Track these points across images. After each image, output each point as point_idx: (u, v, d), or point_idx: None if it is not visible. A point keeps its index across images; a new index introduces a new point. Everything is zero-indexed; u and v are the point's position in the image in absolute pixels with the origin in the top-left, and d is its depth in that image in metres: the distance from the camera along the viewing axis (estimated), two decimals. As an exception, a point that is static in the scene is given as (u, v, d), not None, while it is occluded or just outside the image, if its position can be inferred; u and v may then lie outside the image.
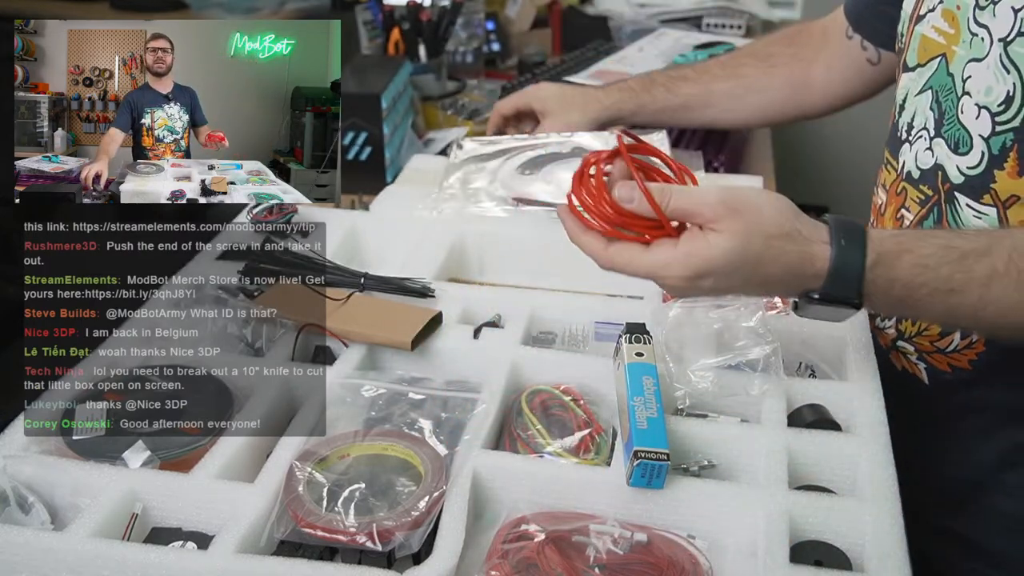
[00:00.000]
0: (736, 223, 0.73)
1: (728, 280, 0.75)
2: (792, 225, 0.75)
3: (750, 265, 0.74)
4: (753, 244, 0.73)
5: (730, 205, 0.74)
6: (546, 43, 2.07)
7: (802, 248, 0.75)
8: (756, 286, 0.77)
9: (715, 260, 0.74)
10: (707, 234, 0.74)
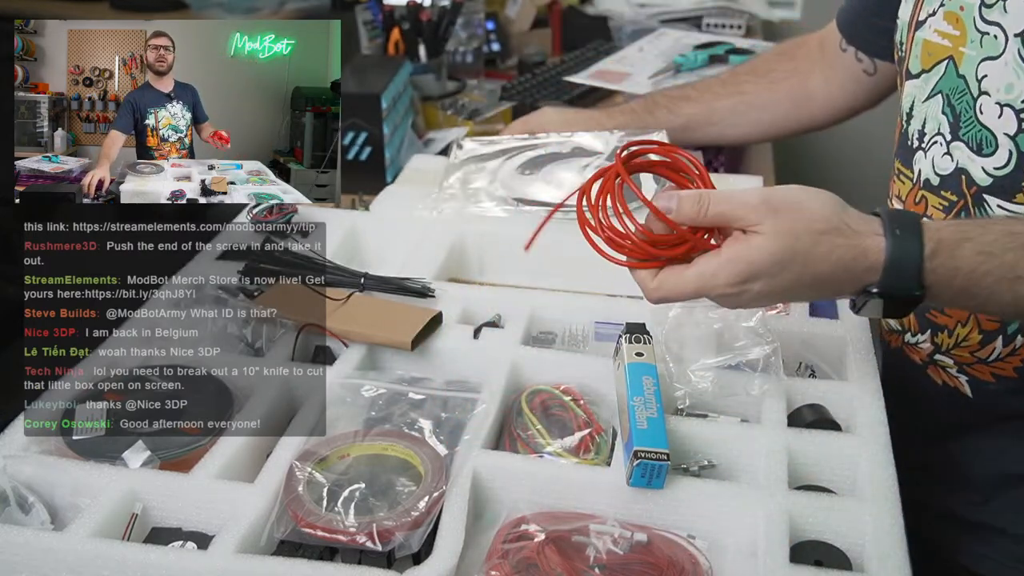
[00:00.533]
0: (779, 222, 0.71)
1: (778, 282, 0.72)
2: (840, 219, 0.72)
3: (799, 264, 0.71)
4: (800, 241, 0.71)
5: (771, 204, 0.71)
6: (546, 43, 2.07)
7: (853, 242, 0.71)
8: (808, 287, 0.73)
9: (761, 262, 0.71)
10: (750, 237, 0.71)
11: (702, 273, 0.73)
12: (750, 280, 0.72)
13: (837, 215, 0.72)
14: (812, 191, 0.74)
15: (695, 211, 0.73)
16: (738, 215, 0.72)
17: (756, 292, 0.72)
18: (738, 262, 0.71)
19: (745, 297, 0.73)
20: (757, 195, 0.72)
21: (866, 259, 0.71)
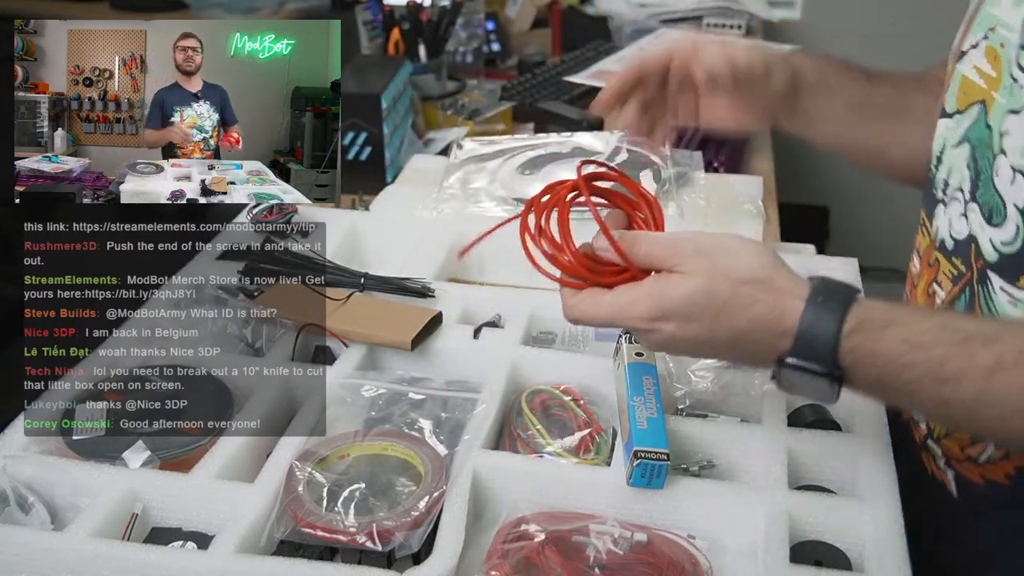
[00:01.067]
0: (702, 263, 0.67)
1: (692, 328, 0.67)
2: (767, 273, 0.67)
3: (713, 310, 0.66)
4: (718, 287, 0.66)
5: (699, 247, 0.68)
6: (546, 43, 2.07)
7: (773, 300, 0.65)
8: (724, 341, 0.67)
9: (675, 300, 0.66)
10: (670, 276, 0.68)
11: (618, 302, 0.69)
12: (662, 319, 0.67)
13: (765, 269, 0.67)
14: (749, 242, 0.69)
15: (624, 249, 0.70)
16: (665, 256, 0.68)
17: (668, 333, 0.68)
18: (653, 297, 0.67)
19: (657, 337, 0.69)
20: (688, 238, 0.69)
21: (782, 322, 0.65)
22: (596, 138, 1.32)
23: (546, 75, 1.81)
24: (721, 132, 1.05)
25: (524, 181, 1.23)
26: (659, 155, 1.27)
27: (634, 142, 1.31)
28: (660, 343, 0.69)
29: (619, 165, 1.25)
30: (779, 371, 0.67)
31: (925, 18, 2.41)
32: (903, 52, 2.46)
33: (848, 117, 0.94)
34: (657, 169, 1.24)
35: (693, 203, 1.21)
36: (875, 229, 2.55)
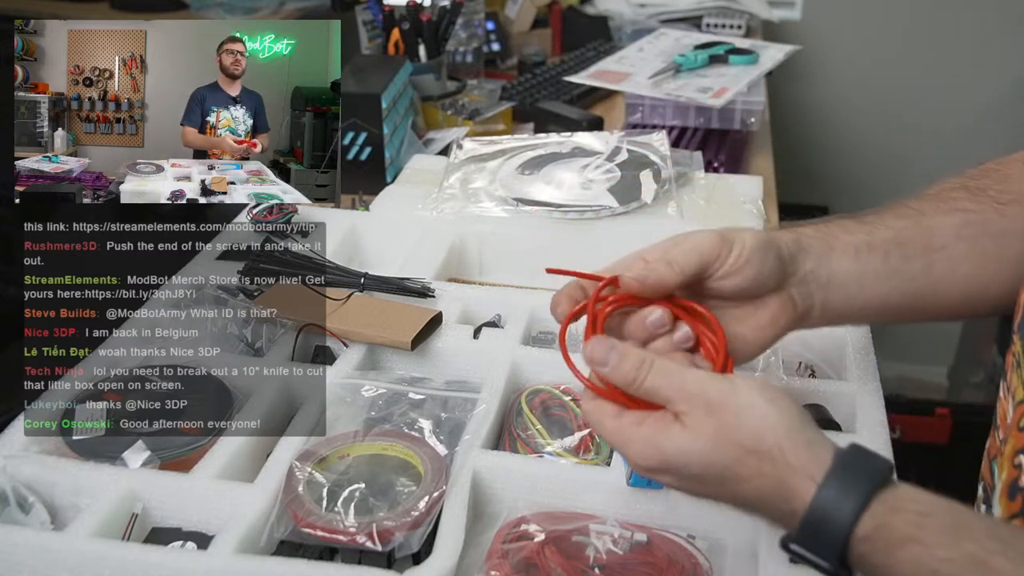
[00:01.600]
0: (706, 423, 0.59)
1: (691, 484, 0.61)
2: (777, 443, 0.58)
3: (715, 476, 0.59)
4: (720, 453, 0.58)
5: (708, 399, 0.60)
6: (546, 43, 2.07)
7: (782, 475, 0.57)
8: (731, 503, 0.61)
9: (672, 457, 0.60)
10: (670, 425, 0.60)
11: (621, 431, 0.62)
12: (659, 470, 0.61)
13: (776, 437, 0.58)
14: (769, 396, 0.60)
15: (631, 375, 0.62)
16: (670, 396, 0.61)
17: (669, 484, 0.62)
18: (651, 445, 0.60)
19: (659, 480, 0.62)
20: (699, 383, 0.61)
21: (789, 501, 0.57)
22: (596, 138, 1.32)
23: (546, 75, 1.81)
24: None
25: (524, 181, 1.23)
26: (659, 155, 1.27)
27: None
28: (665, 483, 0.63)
29: (619, 165, 1.25)
30: (785, 549, 0.59)
31: (925, 18, 2.42)
32: (903, 52, 2.47)
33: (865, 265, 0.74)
34: (657, 169, 1.24)
35: (693, 203, 1.21)
36: (875, 229, 2.55)
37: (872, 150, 2.56)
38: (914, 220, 0.76)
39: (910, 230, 0.75)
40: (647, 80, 1.58)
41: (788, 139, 2.29)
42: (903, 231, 0.75)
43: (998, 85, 2.42)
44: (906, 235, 0.75)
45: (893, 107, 2.52)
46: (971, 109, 2.46)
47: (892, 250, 0.73)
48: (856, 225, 0.75)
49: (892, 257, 0.73)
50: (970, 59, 2.42)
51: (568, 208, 1.17)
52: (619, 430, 0.63)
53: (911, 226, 0.76)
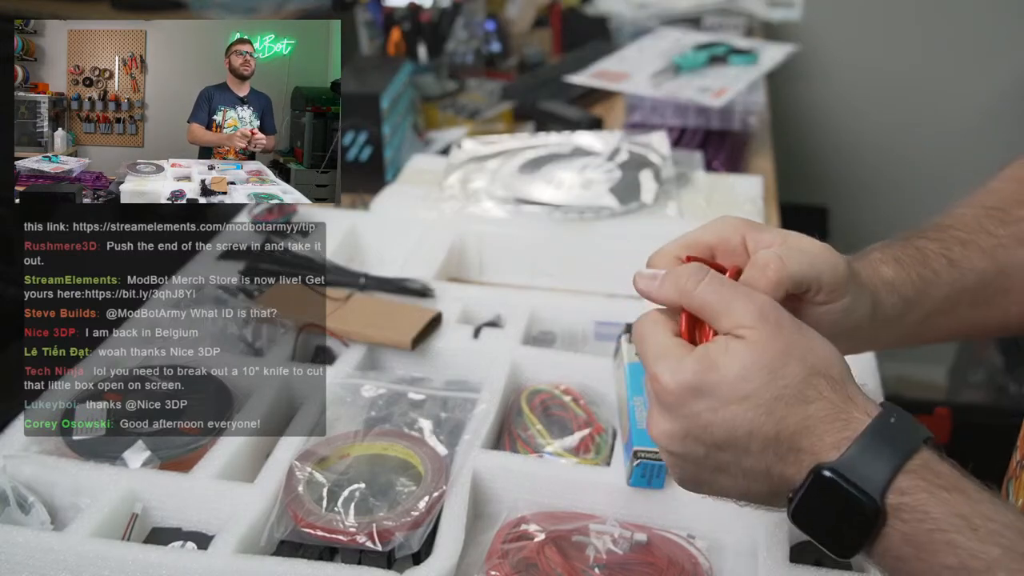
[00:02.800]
0: (777, 335, 0.54)
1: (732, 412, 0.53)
2: (840, 373, 0.55)
3: (771, 396, 0.53)
4: (788, 367, 0.53)
5: (778, 315, 0.55)
6: (546, 43, 2.07)
7: (840, 404, 0.53)
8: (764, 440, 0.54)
9: (727, 374, 0.53)
10: (730, 341, 0.54)
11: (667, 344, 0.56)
12: (698, 394, 0.54)
13: (840, 367, 0.56)
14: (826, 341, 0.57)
15: (682, 282, 0.57)
16: (731, 306, 0.55)
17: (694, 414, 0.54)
18: (703, 361, 0.54)
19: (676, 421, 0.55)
20: (767, 299, 0.55)
21: (841, 430, 0.53)
22: (596, 138, 1.32)
23: (546, 75, 1.81)
24: None
25: (524, 181, 1.23)
26: (659, 155, 1.27)
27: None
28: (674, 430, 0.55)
29: (619, 165, 1.25)
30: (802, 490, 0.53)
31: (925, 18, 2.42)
32: (903, 52, 2.47)
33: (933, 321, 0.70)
34: (657, 169, 1.24)
35: (693, 203, 1.21)
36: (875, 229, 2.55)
37: (872, 150, 2.56)
38: (992, 257, 0.71)
39: (990, 273, 0.71)
40: (647, 80, 1.58)
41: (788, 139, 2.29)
42: (984, 275, 0.70)
43: (999, 85, 2.42)
44: (986, 279, 0.70)
45: (893, 107, 2.52)
46: (971, 109, 2.46)
47: (966, 299, 0.69)
48: (947, 271, 0.69)
49: (963, 306, 0.69)
50: (970, 59, 2.42)
51: (568, 208, 1.17)
52: (669, 345, 0.56)
53: (991, 269, 0.71)
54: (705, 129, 1.55)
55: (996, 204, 0.73)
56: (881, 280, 0.65)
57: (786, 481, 0.54)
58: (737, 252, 0.62)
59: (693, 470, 0.57)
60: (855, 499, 0.51)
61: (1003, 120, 2.42)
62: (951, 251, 0.70)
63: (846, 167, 2.59)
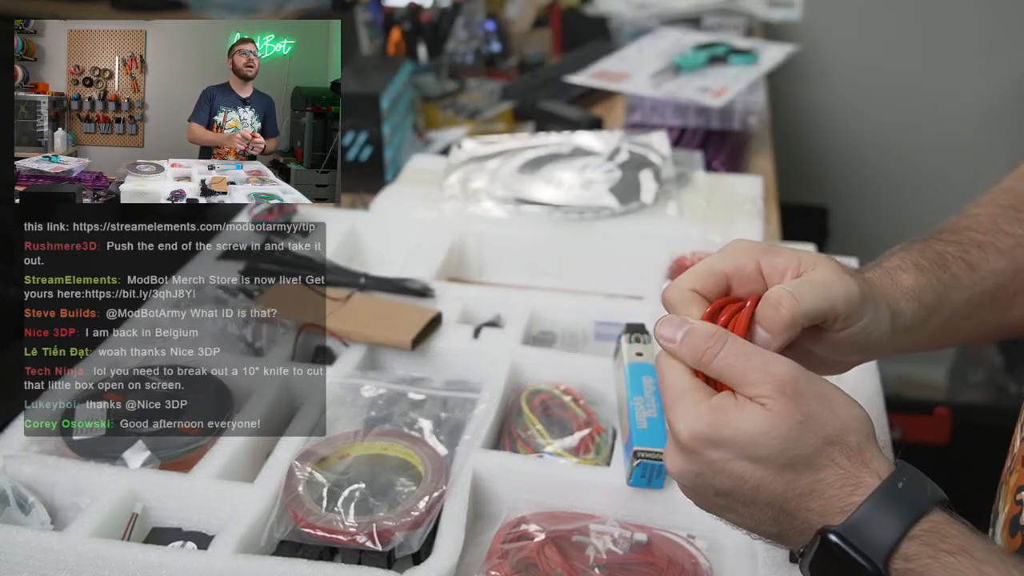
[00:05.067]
0: (795, 409, 0.54)
1: (743, 468, 0.55)
2: (858, 440, 0.55)
3: (782, 463, 0.54)
4: (803, 440, 0.54)
5: (798, 387, 0.55)
6: (546, 43, 2.07)
7: (853, 469, 0.54)
8: (771, 495, 0.55)
9: (742, 434, 0.54)
10: (747, 404, 0.55)
11: (686, 389, 0.57)
12: (713, 444, 0.55)
13: (858, 434, 0.55)
14: (851, 399, 0.57)
15: (701, 349, 0.57)
16: (749, 378, 0.55)
17: (708, 461, 0.56)
18: (719, 414, 0.55)
19: (691, 463, 0.57)
20: (786, 368, 0.55)
21: (850, 495, 0.54)
22: (596, 138, 1.32)
23: (546, 75, 1.81)
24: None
25: (524, 181, 1.23)
26: (659, 155, 1.27)
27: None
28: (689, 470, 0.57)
29: (619, 165, 1.25)
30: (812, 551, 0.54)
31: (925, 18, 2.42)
32: (903, 52, 2.47)
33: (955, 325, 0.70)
34: (657, 169, 1.24)
35: (693, 203, 1.21)
36: (875, 229, 2.55)
37: (872, 150, 2.56)
38: (1010, 257, 0.71)
39: (1008, 274, 0.70)
40: (647, 80, 1.58)
41: (788, 139, 2.29)
42: (1002, 276, 0.70)
43: (999, 85, 2.42)
44: (1004, 280, 0.70)
45: (893, 107, 2.52)
46: (971, 109, 2.46)
47: (986, 301, 0.69)
48: (967, 274, 0.68)
49: (982, 309, 0.69)
50: (970, 59, 2.42)
51: (568, 208, 1.17)
52: (687, 388, 0.57)
53: (1009, 268, 0.71)
54: (705, 129, 1.55)
55: (1011, 202, 0.73)
56: (901, 290, 0.65)
57: (795, 533, 0.56)
58: (753, 278, 0.62)
59: (704, 503, 0.59)
60: (858, 565, 0.52)
61: (1003, 120, 2.42)
62: (969, 254, 0.69)
63: (846, 167, 2.59)
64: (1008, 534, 0.66)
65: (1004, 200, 0.73)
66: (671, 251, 1.08)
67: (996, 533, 0.68)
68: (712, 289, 0.62)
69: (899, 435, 1.88)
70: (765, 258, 0.62)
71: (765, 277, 0.62)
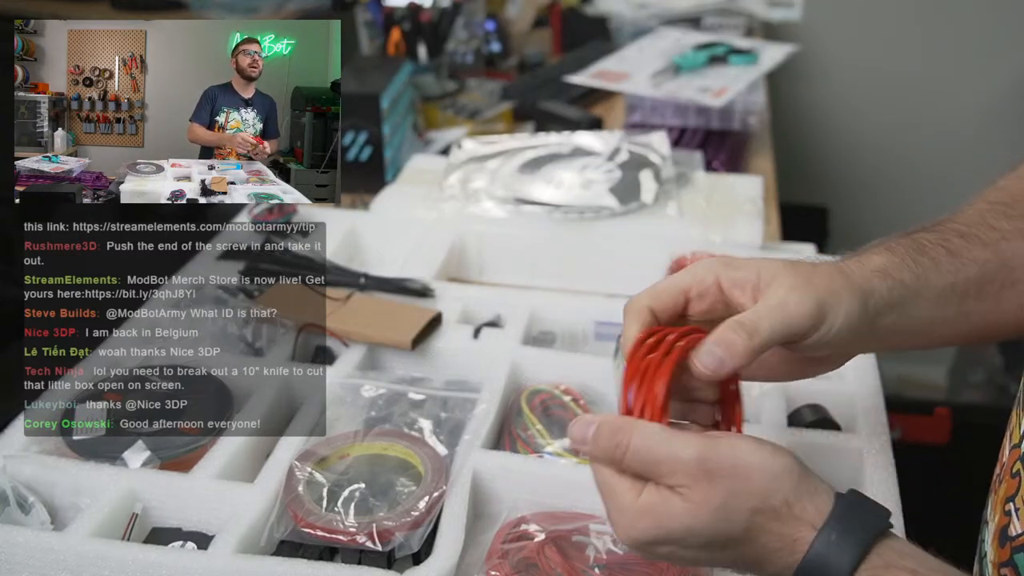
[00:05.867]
0: (712, 493, 0.55)
1: (692, 554, 0.58)
2: (783, 498, 0.56)
3: (720, 543, 0.57)
4: (730, 520, 0.56)
5: (707, 467, 0.55)
6: (546, 43, 2.07)
7: (787, 530, 0.56)
8: (730, 564, 0.59)
9: (674, 530, 0.56)
10: (669, 497, 0.56)
11: (615, 494, 0.58)
12: (655, 543, 0.57)
13: (783, 492, 0.56)
14: (768, 452, 0.58)
15: (611, 450, 0.57)
16: (662, 468, 0.56)
17: (661, 554, 0.58)
18: (648, 516, 0.56)
19: (647, 555, 0.60)
20: (694, 449, 0.56)
21: (790, 554, 0.55)
22: (596, 138, 1.32)
23: (546, 75, 1.81)
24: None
25: (524, 181, 1.23)
26: (659, 155, 1.27)
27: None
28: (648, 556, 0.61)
29: (619, 165, 1.25)
30: None
31: (925, 18, 2.42)
32: (903, 52, 2.47)
33: (945, 313, 0.69)
34: (657, 169, 1.24)
35: (693, 203, 1.21)
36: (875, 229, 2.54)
37: (872, 150, 2.56)
38: (995, 250, 0.70)
39: (992, 265, 0.69)
40: (647, 80, 1.58)
41: (788, 139, 2.29)
42: (986, 266, 0.69)
43: (999, 85, 2.42)
44: (988, 271, 0.69)
45: (893, 107, 2.52)
46: (971, 109, 2.46)
47: (971, 291, 0.68)
48: (947, 259, 0.68)
49: (969, 299, 0.68)
50: (970, 59, 2.42)
51: (568, 208, 1.17)
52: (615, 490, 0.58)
53: (993, 260, 0.70)
54: (705, 129, 1.55)
55: (1001, 199, 0.73)
56: (869, 269, 0.65)
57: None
58: (711, 292, 0.63)
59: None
60: None
61: (1003, 120, 2.42)
62: (949, 242, 0.69)
63: (846, 167, 2.59)
64: (997, 544, 0.66)
65: (995, 197, 0.73)
66: (671, 251, 1.08)
67: (986, 541, 0.68)
68: (668, 306, 0.62)
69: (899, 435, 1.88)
70: (725, 272, 0.63)
71: (725, 292, 0.63)
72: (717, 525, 0.56)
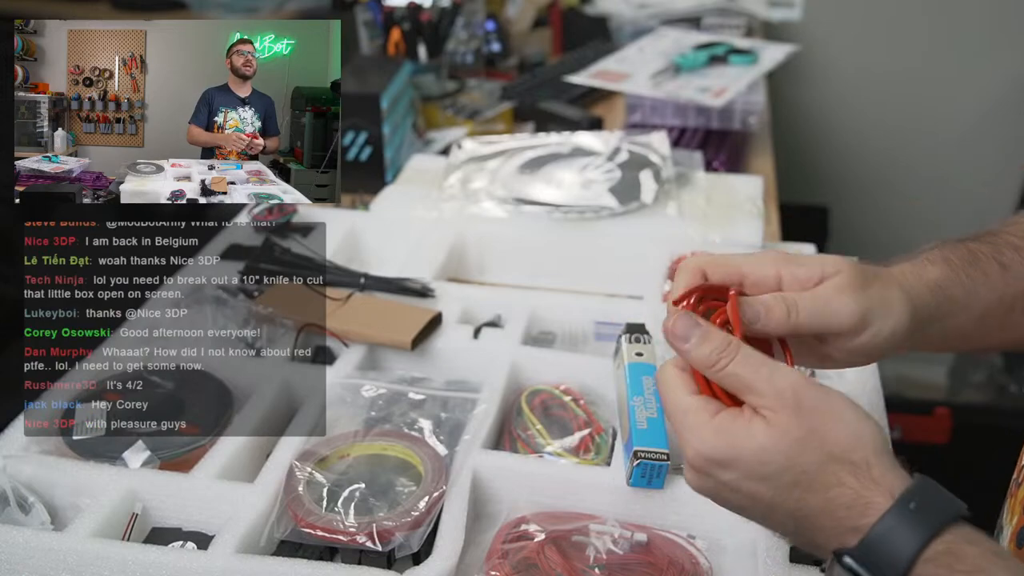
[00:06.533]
0: (796, 424, 0.55)
1: (753, 485, 0.56)
2: (864, 456, 0.55)
3: (789, 479, 0.55)
4: (805, 456, 0.55)
5: (799, 399, 0.55)
6: (546, 43, 2.07)
7: (863, 489, 0.54)
8: (784, 512, 0.56)
9: (746, 453, 0.55)
10: (752, 418, 0.56)
11: (690, 410, 0.58)
12: (721, 466, 0.56)
13: (865, 451, 0.55)
14: (861, 411, 0.57)
15: (712, 358, 0.57)
16: (756, 388, 0.56)
17: (722, 482, 0.57)
18: (724, 435, 0.56)
19: (706, 482, 0.58)
20: (792, 379, 0.56)
21: (862, 516, 0.54)
22: (596, 138, 1.32)
23: (546, 75, 1.81)
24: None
25: (524, 181, 1.23)
26: (659, 155, 1.27)
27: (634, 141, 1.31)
28: (706, 487, 0.59)
29: (619, 165, 1.25)
30: (831, 571, 0.55)
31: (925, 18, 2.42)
32: (903, 52, 2.47)
33: (987, 325, 0.69)
34: (657, 169, 1.24)
35: (693, 203, 1.21)
36: (875, 229, 2.55)
37: (872, 150, 2.56)
38: None
39: None
40: (647, 80, 1.58)
41: (788, 139, 2.29)
42: None
43: (998, 85, 2.42)
44: None
45: (893, 107, 2.52)
46: (971, 109, 2.46)
47: (1018, 305, 0.68)
48: (998, 273, 0.68)
49: (1015, 312, 0.68)
50: (970, 59, 2.42)
51: (568, 208, 1.17)
52: (689, 409, 0.58)
53: None
54: (705, 129, 1.55)
55: None
56: (925, 282, 0.65)
57: (813, 546, 0.57)
58: (768, 285, 0.63)
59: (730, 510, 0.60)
60: None
61: (1003, 120, 2.42)
62: (1003, 255, 0.69)
63: (846, 167, 2.59)
64: (1015, 546, 0.66)
65: None
66: (671, 251, 1.08)
67: (1002, 544, 0.68)
68: (721, 277, 0.63)
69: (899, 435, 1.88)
70: (787, 268, 0.63)
71: (784, 287, 0.63)
72: (792, 456, 0.55)
